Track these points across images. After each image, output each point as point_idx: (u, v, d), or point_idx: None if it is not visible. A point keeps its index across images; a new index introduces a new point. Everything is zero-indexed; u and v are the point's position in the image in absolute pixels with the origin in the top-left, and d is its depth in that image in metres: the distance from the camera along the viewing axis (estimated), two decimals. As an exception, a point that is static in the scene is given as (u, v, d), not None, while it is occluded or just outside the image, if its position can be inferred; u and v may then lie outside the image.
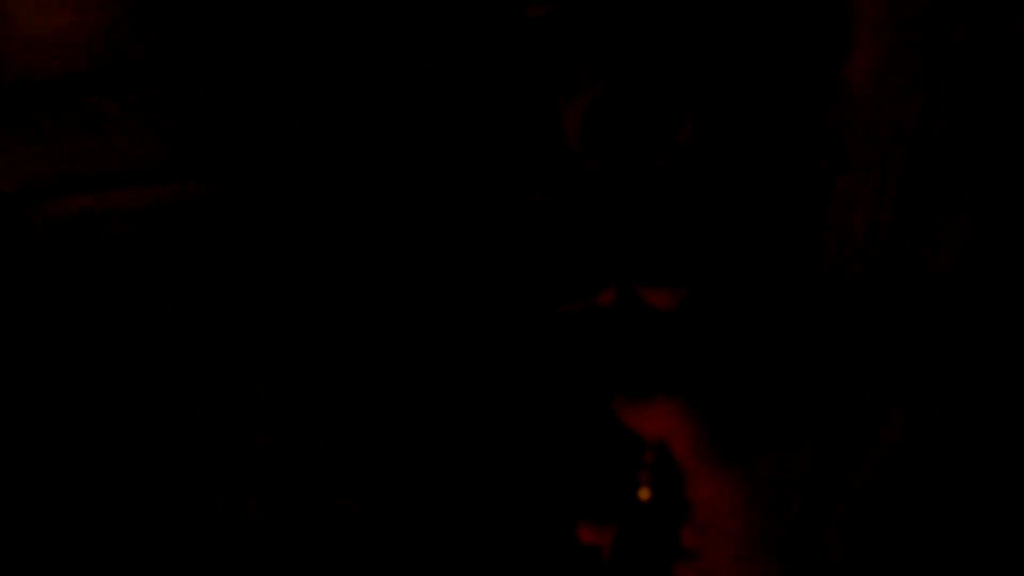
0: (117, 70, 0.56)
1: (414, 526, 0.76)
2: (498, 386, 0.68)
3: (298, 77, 0.56)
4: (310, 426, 0.71)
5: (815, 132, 0.57)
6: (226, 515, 0.75)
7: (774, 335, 0.63)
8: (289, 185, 0.60)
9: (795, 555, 0.52)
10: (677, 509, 0.57)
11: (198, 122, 0.58)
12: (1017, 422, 0.60)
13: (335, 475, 0.73)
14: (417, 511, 0.75)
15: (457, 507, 0.74)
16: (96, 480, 0.72)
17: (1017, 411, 0.60)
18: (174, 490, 0.74)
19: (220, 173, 0.59)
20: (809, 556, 0.52)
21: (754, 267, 0.62)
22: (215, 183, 0.60)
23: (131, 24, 0.54)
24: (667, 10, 0.53)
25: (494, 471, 0.73)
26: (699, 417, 0.53)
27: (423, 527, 0.76)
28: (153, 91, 0.56)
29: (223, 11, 0.54)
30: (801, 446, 0.64)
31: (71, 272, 0.62)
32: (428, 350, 0.67)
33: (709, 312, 0.64)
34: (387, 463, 0.73)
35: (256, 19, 0.55)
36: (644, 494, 0.60)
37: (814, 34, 0.54)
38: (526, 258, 0.62)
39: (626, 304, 0.62)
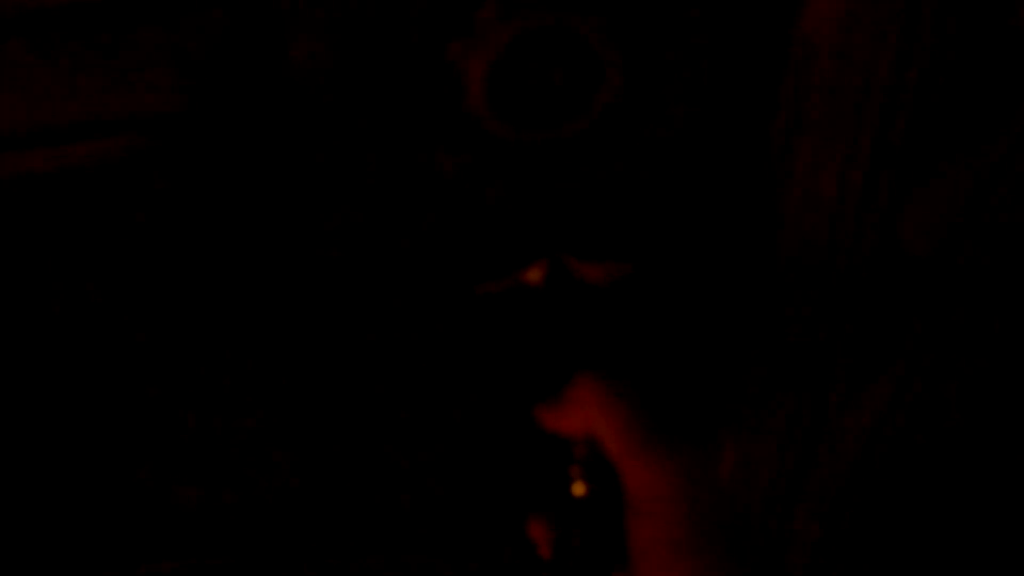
0: (35, 13, 0.49)
1: (352, 508, 0.71)
2: (424, 370, 0.62)
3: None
4: (239, 407, 0.67)
5: (771, 87, 0.48)
6: (157, 498, 0.71)
7: (724, 313, 0.56)
8: (183, 149, 0.54)
9: (735, 539, 0.48)
10: (615, 501, 0.53)
11: (123, 73, 0.51)
12: (1000, 404, 0.54)
13: (268, 457, 0.69)
14: (355, 493, 0.71)
15: (395, 489, 0.70)
16: (19, 464, 0.69)
17: (1000, 392, 0.54)
18: (102, 473, 0.70)
19: (141, 132, 0.53)
20: (749, 540, 0.48)
21: (701, 240, 0.54)
22: (136, 142, 0.53)
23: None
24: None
25: (432, 455, 0.68)
26: (624, 405, 0.50)
27: (362, 509, 0.71)
28: (74, 38, 0.49)
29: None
30: (765, 427, 0.59)
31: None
32: (351, 332, 0.61)
33: (650, 289, 0.57)
34: (318, 448, 0.68)
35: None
36: (579, 489, 0.55)
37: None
38: (441, 232, 0.55)
39: (557, 282, 0.55)
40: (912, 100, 0.45)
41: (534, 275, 0.55)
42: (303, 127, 0.51)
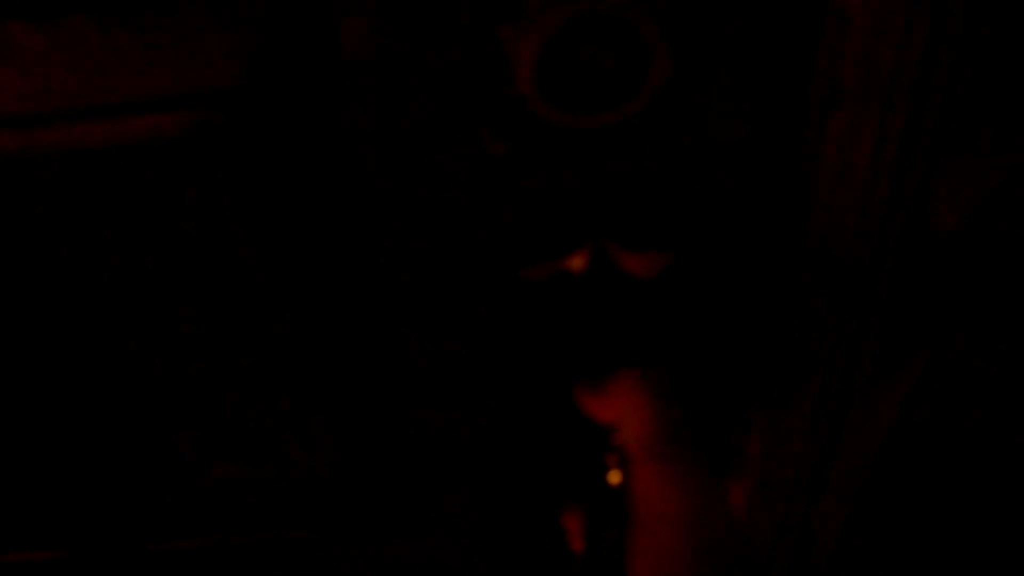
0: None
1: (386, 489, 0.72)
2: (466, 353, 0.62)
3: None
4: (276, 385, 0.67)
5: (806, 63, 0.48)
6: (194, 473, 0.72)
7: (754, 297, 0.55)
8: (234, 128, 0.55)
9: (730, 564, 0.47)
10: None
11: (180, 49, 0.52)
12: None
13: (304, 437, 0.70)
14: (390, 475, 0.71)
15: (432, 472, 0.70)
16: (58, 437, 0.70)
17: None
18: (144, 447, 0.71)
19: (195, 107, 0.54)
20: (747, 566, 0.47)
21: (741, 227, 0.54)
22: (152, 122, 0.54)
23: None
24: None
25: (471, 440, 0.68)
26: (656, 405, 0.48)
27: (396, 491, 0.72)
28: (135, 14, 0.51)
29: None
30: (792, 412, 0.59)
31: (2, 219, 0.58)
32: (393, 313, 0.62)
33: (694, 281, 0.57)
34: (355, 427, 0.69)
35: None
36: (615, 478, 0.55)
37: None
38: (486, 215, 0.55)
39: (600, 270, 0.55)
40: (946, 75, 0.44)
41: (577, 262, 0.55)
42: (352, 107, 0.52)
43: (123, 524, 0.74)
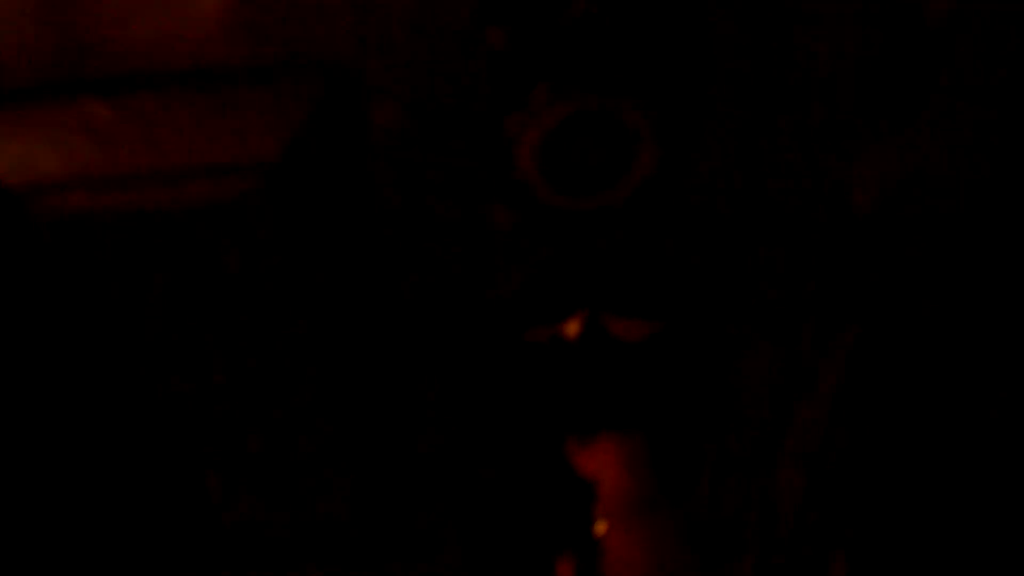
0: (108, 76, 0.58)
1: (399, 532, 0.76)
2: (469, 409, 0.68)
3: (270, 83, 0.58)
4: (298, 431, 0.73)
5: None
6: (222, 511, 0.77)
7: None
8: (275, 196, 0.62)
9: None
10: None
11: (233, 126, 0.60)
12: (954, 351, 0.57)
13: (322, 479, 0.74)
14: (402, 518, 0.75)
15: (437, 515, 0.74)
16: (92, 475, 0.75)
17: (952, 340, 0.57)
18: (172, 486, 0.76)
19: (210, 179, 0.61)
20: None
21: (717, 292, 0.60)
22: (204, 189, 0.62)
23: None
24: (629, 33, 0.51)
25: (476, 483, 0.72)
26: (629, 468, 0.53)
27: (407, 534, 0.76)
28: (195, 94, 0.59)
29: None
30: (749, 379, 0.63)
31: (66, 269, 0.65)
32: (407, 367, 0.67)
33: (677, 347, 0.62)
34: (371, 472, 0.74)
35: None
36: (602, 528, 0.59)
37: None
38: (494, 282, 0.61)
39: (591, 337, 0.61)
40: (851, 81, 0.51)
41: (572, 328, 0.61)
42: (379, 182, 0.59)
43: (151, 556, 0.78)
